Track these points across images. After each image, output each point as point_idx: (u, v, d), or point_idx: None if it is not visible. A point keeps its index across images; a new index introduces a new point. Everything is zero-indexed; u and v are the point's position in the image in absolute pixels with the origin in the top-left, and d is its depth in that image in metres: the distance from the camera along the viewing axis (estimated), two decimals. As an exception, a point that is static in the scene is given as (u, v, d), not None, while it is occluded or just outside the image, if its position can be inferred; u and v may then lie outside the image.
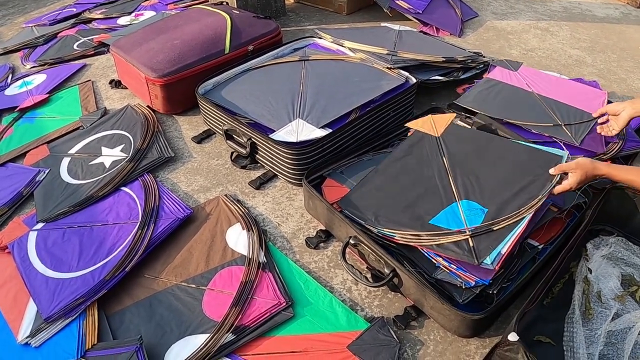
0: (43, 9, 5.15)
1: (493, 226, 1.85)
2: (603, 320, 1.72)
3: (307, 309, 1.88)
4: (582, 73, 3.53)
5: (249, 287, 1.92)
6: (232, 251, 2.10)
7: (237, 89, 2.86)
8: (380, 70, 2.93)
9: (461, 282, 1.75)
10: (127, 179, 2.50)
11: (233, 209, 2.31)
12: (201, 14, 3.42)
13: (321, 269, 2.08)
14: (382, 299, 1.94)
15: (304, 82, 2.83)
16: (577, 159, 1.99)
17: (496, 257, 1.75)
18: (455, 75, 3.16)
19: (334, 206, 2.10)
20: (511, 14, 4.63)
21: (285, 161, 2.38)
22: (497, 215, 1.88)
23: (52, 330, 1.83)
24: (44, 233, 2.24)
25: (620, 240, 2.02)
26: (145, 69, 2.90)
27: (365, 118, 2.55)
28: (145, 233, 2.15)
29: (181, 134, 2.92)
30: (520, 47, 3.92)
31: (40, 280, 2.01)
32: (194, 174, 2.60)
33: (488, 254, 1.76)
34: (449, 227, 1.88)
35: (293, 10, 4.70)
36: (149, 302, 1.93)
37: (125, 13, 4.67)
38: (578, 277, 1.88)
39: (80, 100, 3.29)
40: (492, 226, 1.85)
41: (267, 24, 3.39)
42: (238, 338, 1.77)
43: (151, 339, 1.80)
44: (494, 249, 1.77)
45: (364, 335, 1.76)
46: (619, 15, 4.66)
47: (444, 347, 1.78)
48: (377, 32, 3.62)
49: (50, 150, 2.80)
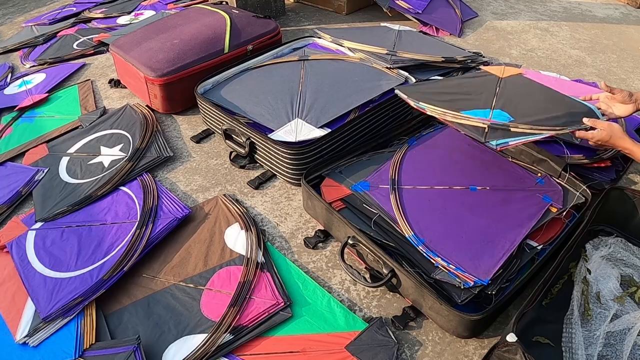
0: (43, 8, 5.15)
1: (511, 127, 1.91)
2: (602, 321, 1.72)
3: (305, 309, 1.88)
4: (582, 73, 3.53)
5: (247, 287, 1.92)
6: (231, 251, 2.10)
7: (236, 89, 2.85)
8: (380, 70, 2.93)
9: (460, 282, 1.75)
10: (126, 179, 2.50)
11: (232, 208, 2.31)
12: (201, 13, 3.42)
13: (319, 269, 2.07)
14: (381, 299, 1.94)
15: (303, 81, 2.82)
16: (609, 124, 1.98)
17: (502, 143, 1.84)
18: (455, 75, 3.16)
19: (333, 206, 2.10)
20: (511, 14, 4.63)
21: (284, 161, 2.38)
22: (519, 123, 1.94)
23: (50, 330, 1.82)
24: (42, 232, 2.24)
25: (620, 240, 2.02)
26: (144, 68, 2.90)
27: (364, 118, 2.54)
28: (143, 232, 2.15)
29: (180, 134, 2.91)
30: (520, 47, 3.92)
31: (38, 280, 2.01)
32: (193, 174, 2.60)
33: (496, 139, 1.85)
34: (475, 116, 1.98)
35: (293, 10, 4.70)
36: (147, 302, 1.93)
37: (125, 12, 4.67)
38: (577, 278, 1.88)
39: (79, 99, 3.29)
40: (510, 127, 1.91)
41: (266, 23, 3.39)
42: (236, 338, 1.76)
43: (149, 338, 1.80)
44: (503, 139, 1.85)
45: (362, 335, 1.76)
46: (619, 16, 4.66)
47: (443, 347, 1.78)
48: (377, 32, 3.62)
49: (49, 150, 2.80)
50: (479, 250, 1.90)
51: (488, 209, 2.10)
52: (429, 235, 1.95)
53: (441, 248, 1.90)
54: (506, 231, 1.97)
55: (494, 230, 1.98)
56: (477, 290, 1.74)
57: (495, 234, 1.96)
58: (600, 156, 2.36)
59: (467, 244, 1.93)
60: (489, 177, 2.26)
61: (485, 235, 1.96)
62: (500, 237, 1.95)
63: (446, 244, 1.92)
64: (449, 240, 1.95)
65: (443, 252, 1.89)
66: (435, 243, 1.92)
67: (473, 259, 1.85)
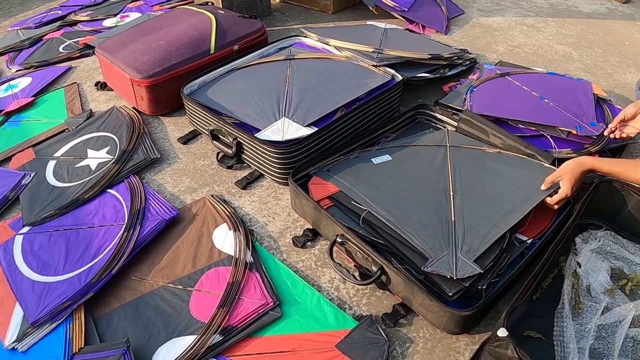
0: (29, 12, 5.13)
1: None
2: (593, 314, 1.72)
3: (294, 308, 1.87)
4: (568, 69, 3.54)
5: (236, 287, 1.91)
6: (219, 252, 2.09)
7: (222, 89, 2.85)
8: (366, 68, 2.93)
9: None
10: (113, 181, 2.49)
11: (219, 209, 2.30)
12: (186, 14, 3.41)
13: (308, 268, 2.07)
14: (371, 297, 1.93)
15: (290, 81, 2.81)
16: (560, 167, 2.01)
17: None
18: (442, 72, 3.16)
19: (321, 204, 2.10)
20: (497, 10, 4.63)
21: (271, 160, 2.37)
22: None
23: (39, 335, 1.81)
24: (30, 237, 2.23)
25: (609, 233, 2.02)
26: (130, 70, 2.88)
27: (351, 116, 2.54)
28: (131, 235, 2.13)
29: (167, 135, 2.90)
30: (506, 44, 3.92)
31: (26, 284, 2.00)
32: (180, 175, 2.59)
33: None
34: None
35: (279, 9, 4.69)
36: (136, 304, 1.92)
37: (111, 15, 4.65)
38: (567, 272, 1.88)
39: (66, 102, 3.27)
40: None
41: (252, 23, 3.38)
42: (226, 339, 1.76)
43: (138, 341, 1.79)
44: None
45: (352, 333, 1.76)
46: (605, 11, 4.67)
47: (434, 344, 1.77)
48: (363, 30, 3.62)
49: (36, 154, 2.78)
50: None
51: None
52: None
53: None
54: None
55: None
56: (467, 283, 1.73)
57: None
58: (588, 150, 2.36)
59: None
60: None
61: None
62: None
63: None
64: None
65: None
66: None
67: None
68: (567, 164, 2.01)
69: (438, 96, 2.97)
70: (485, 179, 2.23)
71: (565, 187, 1.97)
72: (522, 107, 2.67)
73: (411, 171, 2.28)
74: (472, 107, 2.64)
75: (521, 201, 2.07)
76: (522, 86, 2.87)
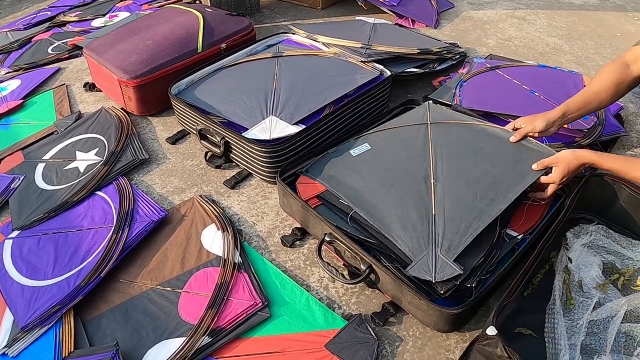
0: (17, 14, 5.12)
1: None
2: (584, 310, 1.71)
3: (283, 308, 1.87)
4: (559, 61, 3.53)
5: (225, 288, 1.90)
6: (208, 252, 2.08)
7: (210, 88, 2.83)
8: (355, 64, 2.92)
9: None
10: (102, 183, 2.47)
11: (208, 209, 2.29)
12: (174, 13, 3.40)
13: (297, 268, 2.06)
14: (360, 296, 1.93)
15: (277, 78, 2.80)
16: (558, 153, 1.99)
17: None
18: (431, 66, 3.15)
19: (309, 203, 2.09)
20: (487, 3, 4.62)
21: (259, 159, 2.36)
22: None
23: (29, 339, 1.81)
24: (19, 241, 2.21)
25: (601, 228, 2.01)
26: (117, 70, 2.87)
27: (339, 113, 2.53)
28: (120, 237, 2.12)
29: (155, 136, 2.89)
30: (497, 37, 3.92)
31: (16, 289, 1.98)
32: (169, 175, 2.58)
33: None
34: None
35: (267, 6, 4.68)
36: (125, 307, 1.91)
37: (100, 15, 4.63)
38: (558, 267, 1.88)
39: (54, 104, 3.25)
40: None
41: (240, 21, 3.37)
42: (214, 340, 1.75)
43: (127, 344, 1.78)
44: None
45: (341, 333, 1.75)
46: (597, 2, 4.67)
47: (424, 342, 1.77)
48: (352, 25, 3.61)
49: (25, 157, 2.77)
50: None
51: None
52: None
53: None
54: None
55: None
56: (458, 281, 1.72)
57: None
58: (579, 143, 2.36)
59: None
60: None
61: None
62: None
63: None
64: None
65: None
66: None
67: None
68: (566, 153, 1.98)
69: (427, 91, 2.97)
70: (468, 159, 2.17)
71: (555, 174, 1.96)
72: (512, 101, 2.67)
73: (391, 159, 2.24)
74: (462, 102, 2.65)
75: (505, 188, 2.01)
76: (512, 79, 2.87)
